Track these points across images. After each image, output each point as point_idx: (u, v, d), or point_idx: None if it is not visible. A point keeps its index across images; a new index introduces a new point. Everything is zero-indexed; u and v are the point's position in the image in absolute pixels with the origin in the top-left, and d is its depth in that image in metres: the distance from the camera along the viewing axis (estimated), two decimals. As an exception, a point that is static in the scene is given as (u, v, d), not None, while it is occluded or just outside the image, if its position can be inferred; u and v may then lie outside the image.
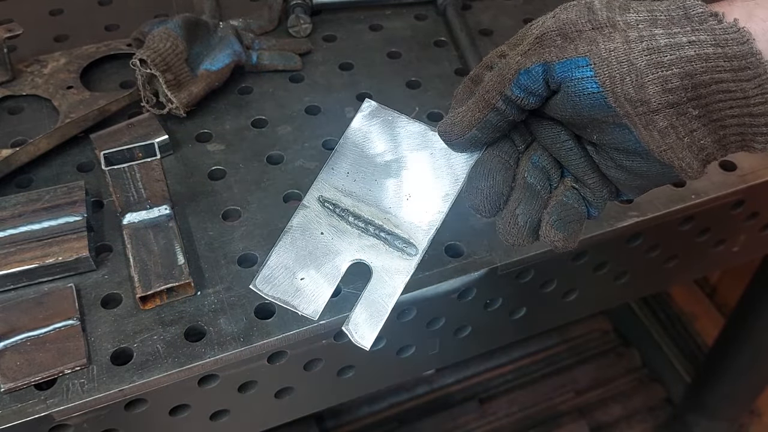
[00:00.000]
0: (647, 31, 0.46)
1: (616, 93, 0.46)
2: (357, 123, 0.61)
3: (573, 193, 0.55)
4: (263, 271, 0.59)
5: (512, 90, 0.50)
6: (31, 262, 0.78)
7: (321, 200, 0.60)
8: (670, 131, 0.47)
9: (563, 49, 0.48)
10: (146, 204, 0.82)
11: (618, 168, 0.52)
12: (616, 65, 0.46)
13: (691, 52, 0.44)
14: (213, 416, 0.80)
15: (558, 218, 0.54)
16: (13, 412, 0.68)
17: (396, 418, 1.87)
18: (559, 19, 0.49)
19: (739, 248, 1.05)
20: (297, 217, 0.60)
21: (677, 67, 0.45)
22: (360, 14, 1.19)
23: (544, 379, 1.96)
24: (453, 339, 0.89)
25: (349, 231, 0.59)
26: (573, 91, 0.48)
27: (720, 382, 1.67)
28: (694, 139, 0.47)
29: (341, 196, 0.60)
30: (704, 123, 0.47)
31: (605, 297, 1.01)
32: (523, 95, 0.50)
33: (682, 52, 0.44)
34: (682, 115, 0.46)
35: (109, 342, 0.74)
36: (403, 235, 0.59)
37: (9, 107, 1.00)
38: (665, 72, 0.45)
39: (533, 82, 0.50)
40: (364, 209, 0.59)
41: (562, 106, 0.50)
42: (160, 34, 0.95)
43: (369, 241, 0.59)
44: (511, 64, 0.50)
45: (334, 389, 0.87)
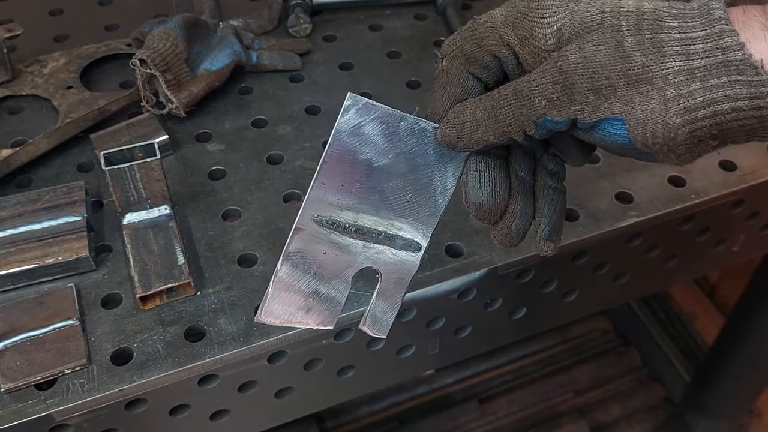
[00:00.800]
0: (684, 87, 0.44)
1: (647, 144, 0.46)
2: (345, 124, 0.54)
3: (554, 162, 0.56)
4: (266, 304, 0.56)
5: (535, 130, 0.49)
6: (31, 262, 0.78)
7: (317, 220, 0.55)
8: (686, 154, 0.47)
9: (596, 108, 0.46)
10: (146, 204, 0.82)
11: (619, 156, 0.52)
12: (651, 126, 0.45)
13: (726, 106, 0.43)
14: (213, 416, 0.80)
15: (551, 229, 0.55)
16: (13, 412, 0.68)
17: (396, 418, 1.87)
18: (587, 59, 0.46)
19: (738, 248, 1.05)
20: (294, 243, 0.55)
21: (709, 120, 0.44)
22: (360, 14, 1.19)
23: (544, 379, 1.96)
24: (453, 339, 0.89)
25: (354, 244, 0.56)
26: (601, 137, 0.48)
27: (720, 381, 1.67)
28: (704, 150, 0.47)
29: (339, 211, 0.55)
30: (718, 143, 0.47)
31: (605, 297, 1.01)
32: (544, 132, 0.50)
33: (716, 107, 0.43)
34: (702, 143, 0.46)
35: (109, 342, 0.74)
36: (407, 236, 0.57)
37: (9, 107, 1.00)
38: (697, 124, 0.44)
39: (558, 127, 0.49)
40: (366, 220, 0.56)
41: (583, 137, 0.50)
42: (160, 34, 0.95)
43: (375, 249, 0.57)
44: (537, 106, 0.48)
45: (334, 389, 0.87)
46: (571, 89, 0.46)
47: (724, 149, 0.51)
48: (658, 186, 0.91)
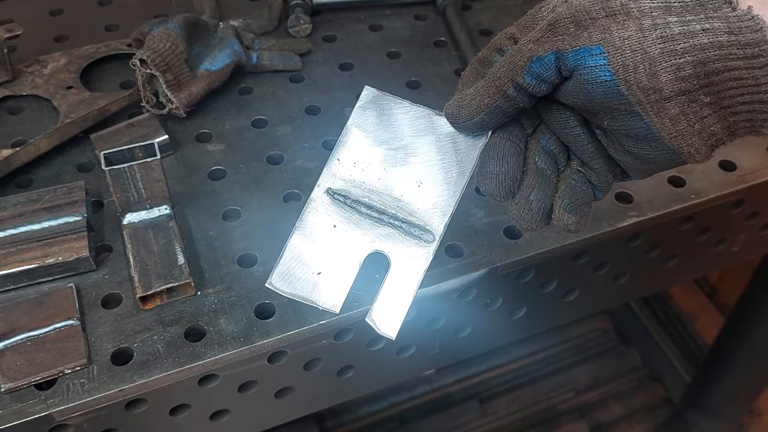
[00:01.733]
0: (661, 19, 0.45)
1: (629, 81, 0.46)
2: (359, 111, 0.59)
3: (579, 176, 0.56)
4: (278, 268, 0.57)
5: (524, 77, 0.50)
6: (32, 262, 0.78)
7: (330, 192, 0.58)
8: (681, 118, 0.47)
9: (576, 37, 0.48)
10: (146, 204, 0.82)
11: (626, 153, 0.53)
12: (630, 54, 0.46)
13: (705, 40, 0.44)
14: (213, 416, 0.80)
15: (570, 202, 0.54)
16: (14, 412, 0.68)
17: (396, 417, 1.87)
18: (572, 4, 0.49)
19: (738, 248, 1.05)
20: (307, 212, 0.58)
21: (690, 55, 0.44)
22: (360, 14, 1.19)
23: (544, 378, 1.96)
24: (453, 339, 0.89)
25: (363, 222, 0.58)
26: (586, 79, 0.48)
27: (720, 381, 1.67)
28: (705, 126, 0.48)
29: (350, 186, 0.58)
30: (715, 110, 0.47)
31: (605, 297, 1.01)
32: (535, 82, 0.50)
33: (695, 40, 0.44)
34: (694, 102, 0.46)
35: (109, 342, 0.74)
36: (419, 222, 0.57)
37: (9, 107, 1.00)
38: (678, 60, 0.45)
39: (546, 70, 0.50)
40: (375, 199, 0.58)
41: (574, 92, 0.50)
42: (160, 35, 0.95)
43: (384, 231, 0.57)
44: (524, 51, 0.50)
45: (334, 389, 0.87)
46: (554, 26, 0.49)
47: (725, 149, 0.51)
48: (658, 186, 0.91)
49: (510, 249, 0.83)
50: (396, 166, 0.58)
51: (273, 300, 0.78)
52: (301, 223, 0.58)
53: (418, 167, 0.58)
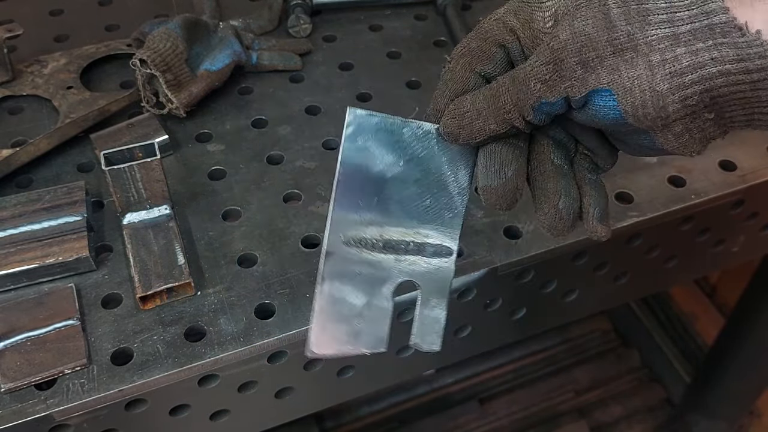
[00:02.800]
0: (670, 52, 0.44)
1: (637, 116, 0.47)
2: (349, 142, 0.55)
3: (589, 163, 0.56)
4: (313, 332, 0.55)
5: (533, 115, 0.50)
6: (31, 262, 0.78)
7: (345, 241, 0.56)
8: (684, 133, 0.47)
9: (584, 82, 0.47)
10: (146, 204, 0.82)
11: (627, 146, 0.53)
12: (639, 93, 0.46)
13: (713, 69, 0.44)
14: (213, 416, 0.80)
15: (601, 210, 0.54)
16: (13, 412, 0.68)
17: (396, 418, 1.87)
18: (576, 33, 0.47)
19: (738, 248, 1.05)
20: (327, 267, 0.56)
21: (698, 85, 0.44)
22: (360, 14, 1.19)
23: (544, 379, 1.96)
24: (453, 339, 0.89)
25: (385, 260, 0.56)
26: (593, 113, 0.49)
27: (720, 382, 1.67)
28: (705, 134, 0.48)
29: (363, 228, 0.56)
30: (716, 122, 0.47)
31: (605, 297, 1.01)
32: (543, 117, 0.51)
33: (704, 71, 0.44)
34: (697, 119, 0.47)
35: (109, 342, 0.74)
36: (436, 242, 0.57)
37: (9, 107, 1.00)
38: (686, 91, 0.45)
39: (554, 108, 0.50)
40: (391, 233, 0.56)
41: (581, 119, 0.51)
42: (160, 35, 0.95)
43: (407, 260, 0.57)
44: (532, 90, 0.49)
45: (334, 389, 0.87)
46: (561, 66, 0.47)
47: (725, 149, 0.51)
48: (658, 186, 0.91)
49: (510, 249, 0.83)
50: (404, 192, 0.57)
51: (273, 300, 0.78)
52: (323, 280, 0.56)
53: (425, 187, 0.57)
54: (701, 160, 0.94)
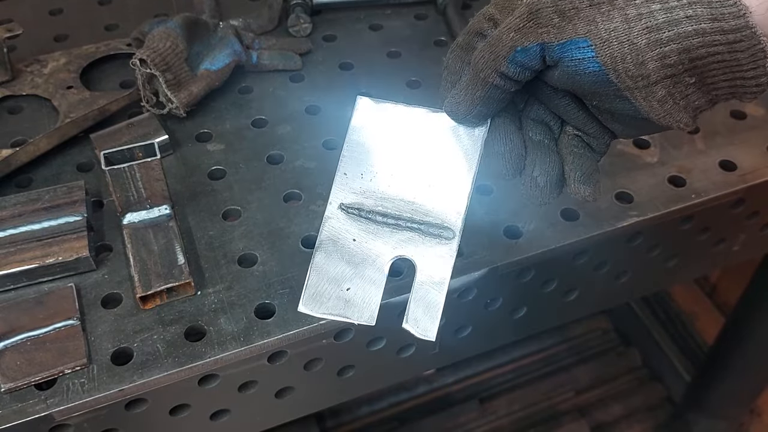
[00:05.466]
0: (645, 8, 0.46)
1: (617, 70, 0.47)
2: (356, 122, 0.60)
3: (578, 140, 0.57)
4: (306, 292, 0.58)
5: (508, 67, 0.51)
6: (31, 262, 0.78)
7: (343, 207, 0.59)
8: (667, 98, 0.48)
9: (561, 30, 0.48)
10: (146, 204, 0.82)
11: (615, 121, 0.54)
12: (617, 45, 0.46)
13: (689, 28, 0.45)
14: (213, 416, 0.80)
15: (582, 173, 0.55)
16: (14, 412, 0.68)
17: (396, 417, 1.87)
18: None
19: (739, 247, 1.05)
20: (324, 231, 0.59)
21: (675, 44, 0.45)
22: (360, 14, 1.19)
23: (544, 378, 1.96)
24: (453, 338, 0.89)
25: (381, 230, 0.58)
26: (574, 70, 0.49)
27: (720, 381, 1.67)
28: (689, 102, 0.49)
29: (362, 198, 0.59)
30: (699, 87, 0.48)
31: (605, 296, 1.01)
32: (519, 70, 0.51)
33: (679, 29, 0.45)
34: (679, 83, 0.48)
35: (109, 342, 0.74)
36: (436, 221, 0.58)
37: (9, 107, 1.00)
38: (664, 48, 0.46)
39: (530, 59, 0.50)
40: (389, 206, 0.58)
41: (561, 79, 0.51)
42: (160, 34, 0.95)
43: (404, 235, 0.58)
44: (505, 41, 0.50)
45: (335, 389, 0.87)
46: (537, 15, 0.48)
47: (725, 149, 0.51)
48: (658, 186, 0.91)
49: (510, 249, 0.83)
50: (403, 170, 0.58)
51: (273, 300, 0.78)
52: (321, 243, 0.58)
53: (426, 167, 0.58)
54: (701, 159, 0.94)
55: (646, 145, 0.96)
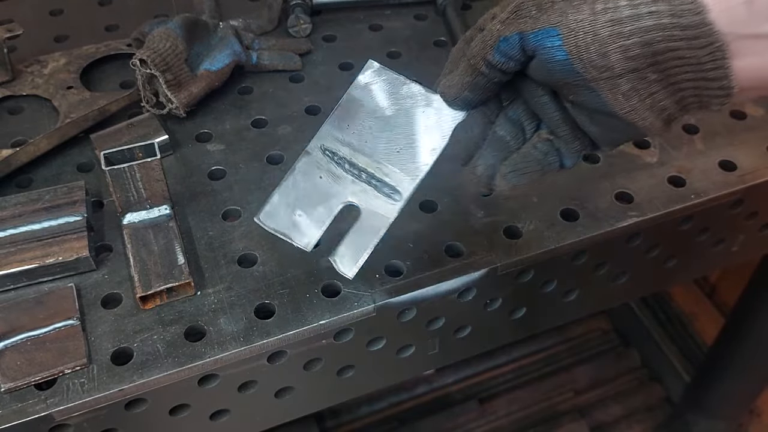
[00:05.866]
0: (612, 3, 0.49)
1: (582, 60, 0.51)
2: (360, 80, 0.67)
3: (546, 144, 0.60)
4: (266, 207, 0.68)
5: (493, 56, 0.55)
6: (32, 262, 0.78)
7: (322, 148, 0.67)
8: (632, 94, 0.51)
9: (537, 20, 0.53)
10: (146, 204, 0.82)
11: (592, 123, 0.57)
12: (582, 35, 0.50)
13: (650, 23, 0.48)
14: (213, 416, 0.80)
15: (512, 170, 0.60)
16: (13, 412, 0.68)
17: (396, 417, 1.87)
18: None
19: (738, 248, 1.05)
20: (300, 162, 0.68)
21: (637, 37, 0.48)
22: (360, 14, 1.19)
23: (544, 378, 1.96)
24: (453, 339, 0.89)
25: (344, 177, 0.67)
26: (545, 58, 0.53)
27: (719, 381, 1.67)
28: (655, 101, 0.52)
29: (340, 145, 0.67)
30: (663, 86, 0.51)
31: (605, 297, 1.01)
32: (503, 60, 0.55)
33: (641, 23, 0.48)
34: (643, 79, 0.50)
35: (109, 342, 0.74)
36: (391, 183, 0.65)
37: (9, 107, 1.00)
38: (626, 41, 0.49)
39: (511, 49, 0.54)
40: (359, 158, 0.66)
41: (537, 70, 0.55)
42: (160, 34, 0.95)
43: (360, 187, 0.66)
44: (493, 32, 0.55)
45: (334, 389, 0.87)
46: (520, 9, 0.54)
47: (724, 149, 0.52)
48: (658, 186, 0.91)
49: (510, 249, 0.83)
50: (383, 133, 0.66)
51: (273, 300, 0.78)
52: (293, 171, 0.68)
53: (402, 136, 0.65)
54: (701, 160, 0.94)
55: (646, 146, 0.96)
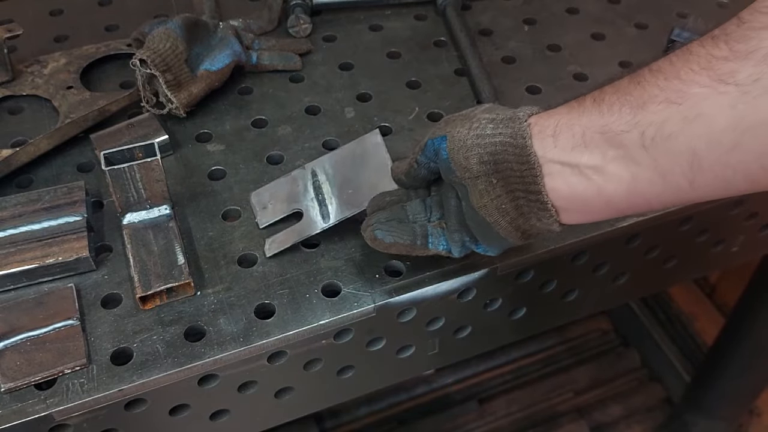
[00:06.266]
0: (482, 125, 0.65)
1: (454, 160, 0.66)
2: (362, 139, 0.86)
3: (437, 230, 0.73)
4: (260, 189, 0.88)
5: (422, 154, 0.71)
6: (31, 262, 0.78)
7: (312, 169, 0.87)
8: (484, 193, 0.65)
9: (440, 130, 0.69)
10: (146, 204, 0.82)
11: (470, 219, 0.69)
12: (456, 142, 0.66)
13: (497, 140, 0.63)
14: (213, 416, 0.80)
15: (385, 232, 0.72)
16: (13, 412, 0.68)
17: (395, 418, 1.87)
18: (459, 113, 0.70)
19: (738, 248, 1.05)
20: (295, 171, 0.88)
21: (488, 148, 0.64)
22: (360, 14, 1.19)
23: (544, 379, 1.96)
24: (452, 339, 0.89)
25: (310, 192, 0.85)
26: (439, 158, 0.69)
27: (719, 381, 1.67)
28: (500, 203, 0.65)
29: (322, 173, 0.86)
30: (505, 191, 0.65)
31: (605, 297, 1.01)
32: (426, 160, 0.71)
33: (493, 139, 0.64)
34: (490, 182, 0.65)
35: (108, 342, 0.74)
36: (330, 210, 0.82)
37: (9, 107, 1.00)
38: (481, 150, 0.64)
39: (429, 150, 0.70)
40: (326, 186, 0.84)
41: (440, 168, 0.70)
42: (160, 35, 0.95)
43: (313, 203, 0.84)
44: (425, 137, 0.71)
45: (334, 389, 0.87)
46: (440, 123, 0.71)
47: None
48: (658, 186, 0.91)
49: (509, 249, 0.83)
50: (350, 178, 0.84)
51: (272, 300, 0.78)
52: (287, 175, 0.88)
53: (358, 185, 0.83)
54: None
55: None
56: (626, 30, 1.16)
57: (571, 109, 0.61)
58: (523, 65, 1.10)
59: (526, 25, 1.17)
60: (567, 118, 0.61)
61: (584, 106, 0.60)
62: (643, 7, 1.20)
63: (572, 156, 0.60)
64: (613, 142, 0.57)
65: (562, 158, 0.60)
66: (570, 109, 0.61)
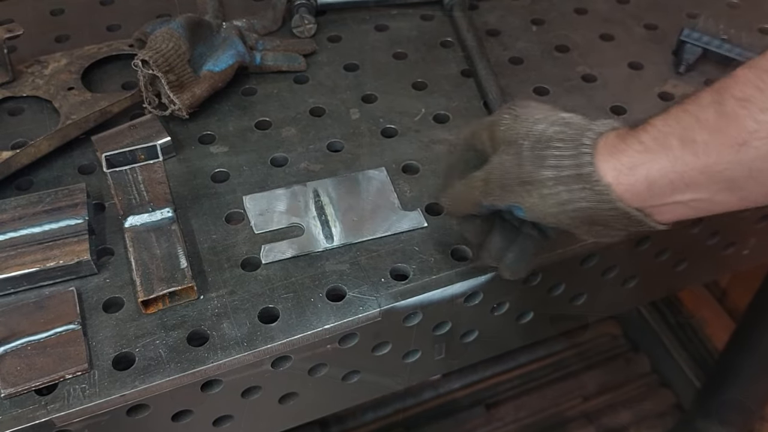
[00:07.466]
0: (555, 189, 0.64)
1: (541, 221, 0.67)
2: (368, 173, 0.91)
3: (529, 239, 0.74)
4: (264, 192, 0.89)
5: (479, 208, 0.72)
6: (32, 266, 0.77)
7: (315, 188, 0.89)
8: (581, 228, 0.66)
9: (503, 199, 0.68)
10: (148, 207, 0.81)
11: None
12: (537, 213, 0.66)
13: (584, 205, 0.63)
14: (216, 422, 0.79)
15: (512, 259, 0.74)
16: (14, 418, 0.68)
17: (402, 423, 1.87)
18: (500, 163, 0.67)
19: (749, 251, 1.04)
20: (298, 186, 0.90)
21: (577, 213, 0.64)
22: (365, 14, 1.18)
23: (552, 384, 1.95)
24: (459, 344, 0.88)
25: (311, 210, 0.87)
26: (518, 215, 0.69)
27: (730, 387, 1.66)
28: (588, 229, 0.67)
29: (325, 194, 0.89)
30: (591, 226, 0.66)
31: (614, 301, 1.00)
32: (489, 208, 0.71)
33: (579, 204, 0.64)
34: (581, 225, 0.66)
35: (110, 346, 0.73)
36: (335, 231, 0.85)
37: (9, 108, 1.00)
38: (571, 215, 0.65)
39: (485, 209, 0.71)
40: (329, 209, 0.87)
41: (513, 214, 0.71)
42: (163, 35, 0.94)
43: (314, 221, 0.86)
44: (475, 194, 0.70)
45: (339, 394, 0.87)
46: (488, 185, 0.69)
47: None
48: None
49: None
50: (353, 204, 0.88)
51: (277, 304, 0.77)
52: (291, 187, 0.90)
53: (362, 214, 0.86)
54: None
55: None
56: (636, 30, 1.15)
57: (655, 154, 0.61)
58: (530, 66, 1.09)
59: (534, 25, 1.17)
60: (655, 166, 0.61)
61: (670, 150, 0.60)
62: (653, 7, 1.20)
63: (674, 197, 0.61)
64: (718, 178, 0.59)
65: (665, 200, 0.62)
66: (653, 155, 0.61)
